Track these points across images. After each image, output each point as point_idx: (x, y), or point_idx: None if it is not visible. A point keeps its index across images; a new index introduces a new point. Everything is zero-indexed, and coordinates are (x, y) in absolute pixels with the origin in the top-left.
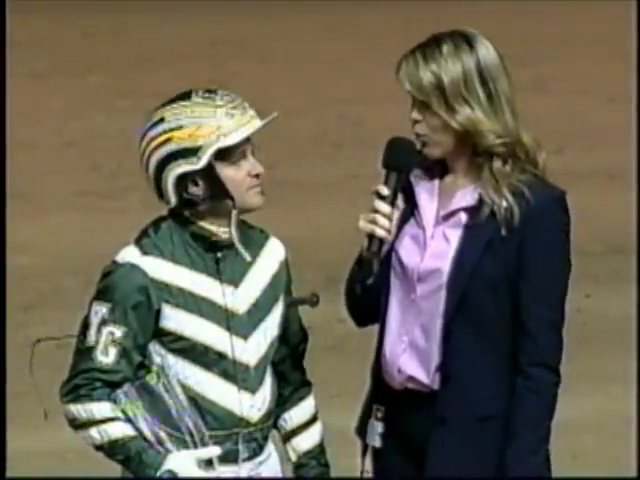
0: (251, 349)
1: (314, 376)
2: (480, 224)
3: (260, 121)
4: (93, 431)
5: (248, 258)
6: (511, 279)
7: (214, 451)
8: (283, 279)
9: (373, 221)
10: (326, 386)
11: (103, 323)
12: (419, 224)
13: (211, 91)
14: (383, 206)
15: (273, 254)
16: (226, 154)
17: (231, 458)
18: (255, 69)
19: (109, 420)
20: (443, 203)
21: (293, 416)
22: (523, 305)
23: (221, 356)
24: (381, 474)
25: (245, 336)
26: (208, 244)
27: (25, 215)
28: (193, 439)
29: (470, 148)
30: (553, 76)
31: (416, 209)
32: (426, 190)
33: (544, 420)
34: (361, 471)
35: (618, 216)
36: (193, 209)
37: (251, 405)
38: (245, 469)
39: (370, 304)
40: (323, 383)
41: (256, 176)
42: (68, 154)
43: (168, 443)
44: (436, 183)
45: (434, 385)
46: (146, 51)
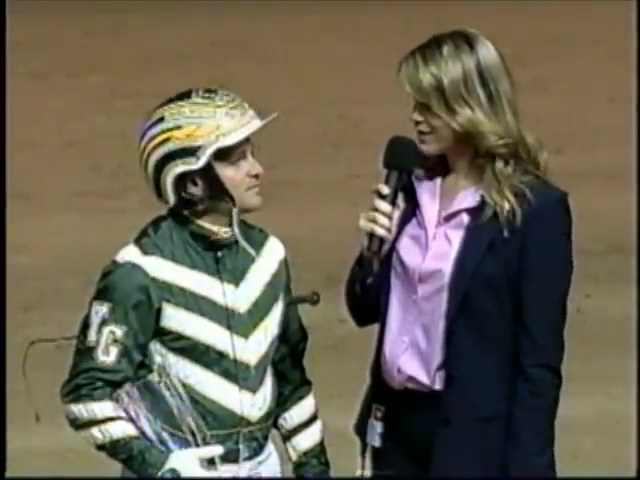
0: (252, 348)
1: (314, 376)
2: (482, 225)
3: (260, 121)
4: (95, 431)
5: (253, 253)
6: (512, 280)
7: (216, 450)
8: (283, 278)
9: (373, 220)
10: (326, 386)
11: (104, 323)
12: (420, 224)
13: (211, 91)
14: (383, 205)
15: (273, 253)
16: (225, 154)
17: (231, 457)
18: (255, 69)
19: (111, 420)
20: (445, 204)
21: (293, 415)
22: (524, 306)
23: (222, 355)
24: (380, 474)
25: (246, 335)
26: (208, 243)
27: (25, 215)
28: (195, 438)
29: (472, 149)
30: (553, 76)
31: (417, 209)
32: (428, 190)
33: (546, 421)
34: (360, 470)
35: (618, 216)
36: (192, 209)
37: (252, 404)
38: (245, 469)
39: (370, 304)
40: (323, 383)
41: (255, 176)
42: (68, 154)
43: (170, 442)
44: (438, 183)
45: (434, 385)
46: (146, 51)
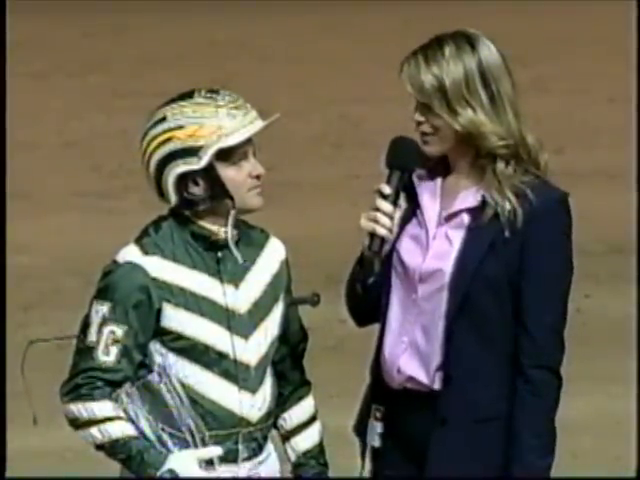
0: (252, 349)
1: (314, 376)
2: (483, 225)
3: (262, 122)
4: (94, 430)
5: (240, 260)
6: (513, 280)
7: (215, 451)
8: (283, 279)
9: (374, 220)
10: (326, 386)
11: (104, 322)
12: (421, 224)
13: (213, 91)
14: (385, 205)
15: (274, 254)
16: (227, 154)
17: (231, 458)
18: (255, 69)
19: (110, 419)
20: (445, 204)
21: (292, 416)
22: (524, 306)
23: (222, 356)
24: (380, 474)
25: (246, 336)
26: (209, 243)
27: (25, 215)
28: (194, 439)
29: (473, 149)
30: (553, 76)
31: (418, 209)
32: (428, 190)
33: (547, 423)
34: (360, 470)
35: (618, 216)
36: (193, 209)
37: (251, 405)
38: (244, 469)
39: (371, 303)
40: (323, 383)
41: (257, 177)
42: (68, 154)
43: (169, 443)
44: (438, 183)
45: (434, 385)
46: (146, 51)
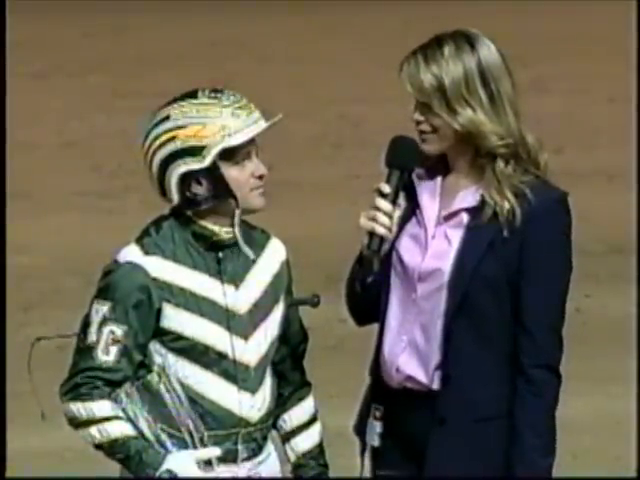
0: (251, 349)
1: (314, 376)
2: (482, 225)
3: (265, 122)
4: (93, 430)
5: (252, 256)
6: (512, 280)
7: (214, 452)
8: (284, 279)
9: (374, 219)
10: (326, 386)
11: (104, 322)
12: (420, 224)
13: (217, 91)
14: (384, 204)
15: (274, 255)
16: (231, 154)
17: (230, 458)
18: (255, 69)
19: (109, 419)
20: (445, 203)
21: (292, 416)
22: (524, 306)
23: (221, 356)
24: (379, 473)
25: (245, 336)
26: (210, 244)
27: (25, 215)
28: (193, 439)
29: (472, 148)
30: (553, 76)
31: (417, 208)
32: (428, 190)
33: (548, 422)
34: (360, 470)
35: (618, 216)
36: (195, 208)
37: (251, 405)
38: (244, 469)
39: (370, 302)
40: (323, 383)
41: (259, 177)
42: (68, 154)
43: (168, 443)
44: (438, 183)
45: (432, 385)
46: (146, 51)
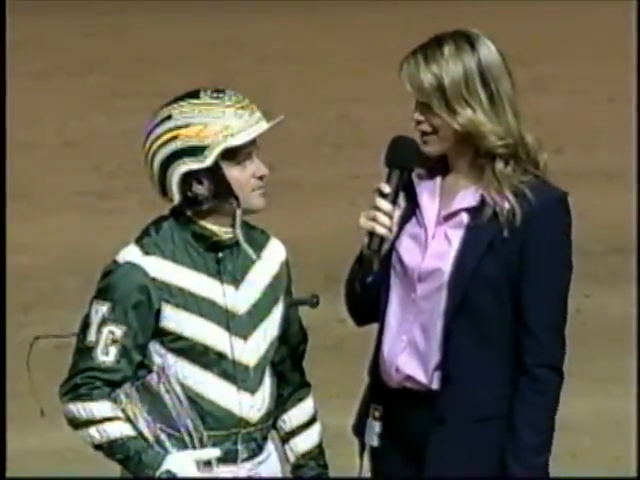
0: (251, 349)
1: (313, 376)
2: (482, 225)
3: (266, 123)
4: (92, 430)
5: (254, 256)
6: (512, 280)
7: (213, 453)
8: (284, 280)
9: (374, 219)
10: (325, 386)
11: (103, 322)
12: (420, 223)
13: (219, 91)
14: (384, 204)
15: (274, 255)
16: (232, 154)
17: (230, 458)
18: (255, 69)
19: (109, 419)
20: (444, 203)
21: (292, 417)
22: (525, 306)
23: (221, 356)
24: (379, 473)
25: (245, 336)
26: (209, 244)
27: (25, 215)
28: (192, 439)
29: (472, 148)
30: (553, 76)
31: (417, 208)
32: (427, 190)
33: (547, 421)
34: (359, 470)
35: (618, 216)
36: (196, 208)
37: (250, 405)
38: (244, 469)
39: (370, 302)
40: (322, 383)
41: (260, 178)
42: (68, 154)
43: (167, 443)
44: (437, 183)
45: (432, 385)
46: (146, 51)
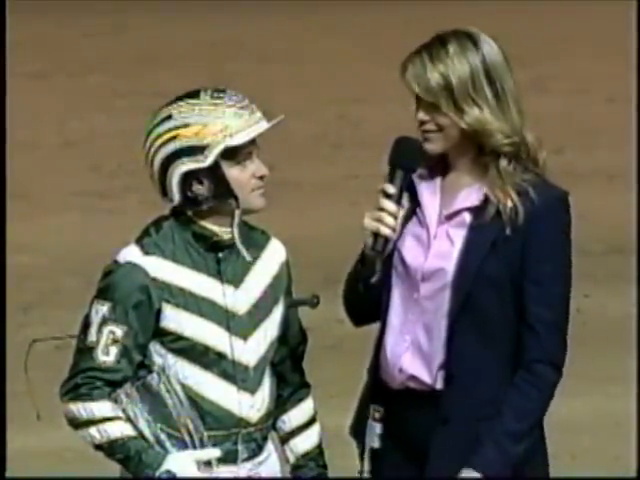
0: (251, 349)
1: (313, 376)
2: (485, 224)
3: (267, 122)
4: (93, 430)
5: (248, 258)
6: (515, 279)
7: (213, 453)
8: (284, 280)
9: (379, 219)
10: (325, 386)
11: (104, 322)
12: (422, 223)
13: (220, 90)
14: (389, 204)
15: (274, 255)
16: (232, 154)
17: (230, 458)
18: (255, 69)
19: (109, 419)
20: (445, 202)
21: (292, 417)
22: (527, 306)
23: (221, 356)
24: (379, 474)
25: (245, 336)
26: (210, 244)
27: (25, 215)
28: (192, 440)
29: (474, 147)
30: (553, 76)
31: (419, 208)
32: (428, 189)
33: (534, 413)
34: (360, 472)
35: (618, 216)
36: (196, 208)
37: (250, 405)
38: (244, 469)
39: (372, 303)
40: (322, 383)
41: (260, 178)
42: (68, 154)
43: (167, 443)
44: (438, 182)
45: (436, 385)
46: (146, 51)
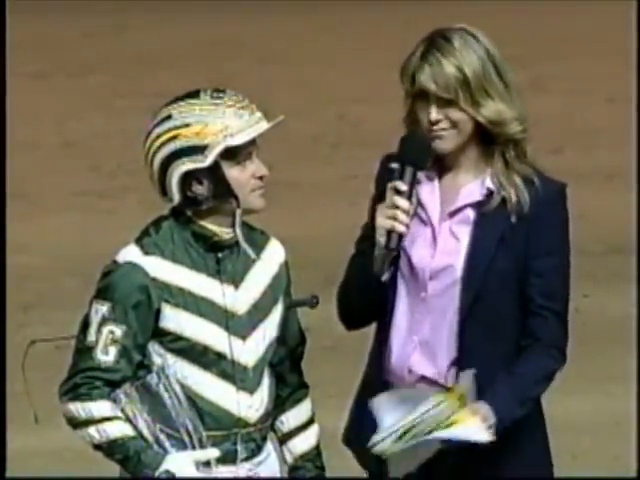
0: (250, 350)
1: (311, 376)
2: (490, 219)
3: (266, 123)
4: (92, 430)
5: (253, 255)
6: (520, 272)
7: (212, 453)
8: (283, 281)
9: (393, 217)
10: (324, 386)
11: (103, 322)
12: (424, 221)
13: (220, 91)
14: (402, 201)
15: (273, 256)
16: (232, 154)
17: (229, 458)
18: (255, 69)
19: (108, 419)
20: (446, 199)
21: (290, 418)
22: (532, 296)
23: (220, 356)
24: (384, 473)
25: (244, 337)
26: (209, 244)
27: (25, 215)
28: (191, 440)
29: (475, 142)
30: (553, 76)
31: (419, 206)
32: (427, 187)
33: (532, 388)
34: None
35: (618, 216)
36: (196, 208)
37: (249, 405)
38: (244, 469)
39: (372, 305)
40: (321, 383)
41: (260, 178)
42: (68, 154)
43: (167, 443)
44: (435, 181)
45: (446, 383)
46: (146, 51)
